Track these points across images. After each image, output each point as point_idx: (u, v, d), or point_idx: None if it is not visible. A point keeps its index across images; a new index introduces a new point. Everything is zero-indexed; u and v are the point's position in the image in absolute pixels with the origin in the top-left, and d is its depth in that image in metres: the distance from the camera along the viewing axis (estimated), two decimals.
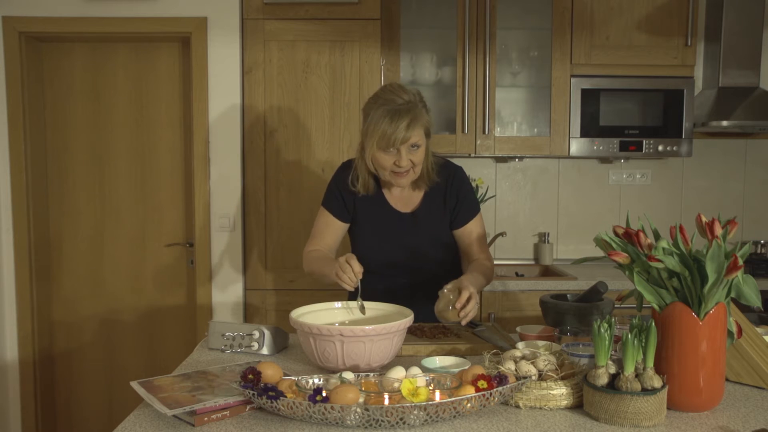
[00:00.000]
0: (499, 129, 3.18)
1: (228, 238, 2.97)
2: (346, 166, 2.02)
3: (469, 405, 1.25)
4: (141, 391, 1.34)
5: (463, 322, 1.70)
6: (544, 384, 1.32)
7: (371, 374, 1.39)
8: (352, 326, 1.47)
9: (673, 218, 3.48)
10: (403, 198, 2.00)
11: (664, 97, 3.11)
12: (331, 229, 2.01)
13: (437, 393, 1.25)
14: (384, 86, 1.89)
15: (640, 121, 3.12)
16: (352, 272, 1.69)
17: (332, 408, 1.20)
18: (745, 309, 2.32)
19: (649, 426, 1.24)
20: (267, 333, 1.72)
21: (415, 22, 3.14)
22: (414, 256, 1.98)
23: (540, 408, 1.32)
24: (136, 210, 3.17)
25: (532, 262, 3.46)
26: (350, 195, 1.99)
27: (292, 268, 2.94)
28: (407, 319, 1.56)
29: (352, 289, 1.72)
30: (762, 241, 3.40)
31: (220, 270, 2.98)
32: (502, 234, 3.31)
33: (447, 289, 1.70)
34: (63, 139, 3.14)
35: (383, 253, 1.98)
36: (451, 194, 1.98)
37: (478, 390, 1.25)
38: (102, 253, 3.18)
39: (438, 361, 1.49)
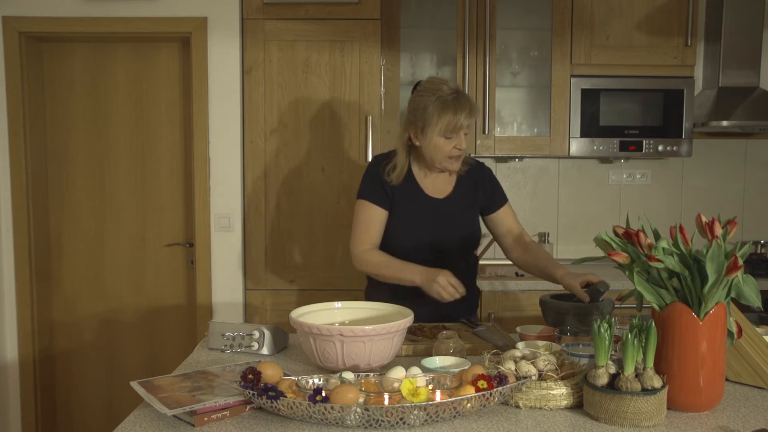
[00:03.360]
0: (499, 129, 3.18)
1: (228, 238, 2.97)
2: (379, 160, 2.12)
3: (469, 405, 1.25)
4: (141, 391, 1.34)
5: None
6: (544, 384, 1.32)
7: (371, 374, 1.39)
8: (352, 326, 1.47)
9: (673, 218, 3.47)
10: (436, 185, 2.10)
11: (664, 97, 3.11)
12: (377, 221, 2.06)
13: (437, 393, 1.25)
14: (428, 79, 2.05)
15: (640, 121, 3.12)
16: (455, 291, 1.85)
17: (332, 408, 1.20)
18: (745, 309, 2.32)
19: (649, 426, 1.24)
20: (267, 333, 1.72)
21: (415, 22, 3.14)
22: (443, 240, 2.06)
23: (540, 408, 1.32)
24: (136, 210, 3.17)
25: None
26: (387, 184, 2.06)
27: (292, 268, 2.94)
28: (407, 319, 1.56)
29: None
30: (762, 241, 3.40)
31: (220, 270, 2.98)
32: None
33: (445, 335, 1.62)
34: (63, 139, 3.14)
35: (415, 236, 2.06)
36: (484, 181, 2.15)
37: (478, 390, 1.25)
38: (102, 253, 3.18)
39: (438, 361, 1.49)
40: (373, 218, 2.05)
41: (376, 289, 2.13)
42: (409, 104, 2.04)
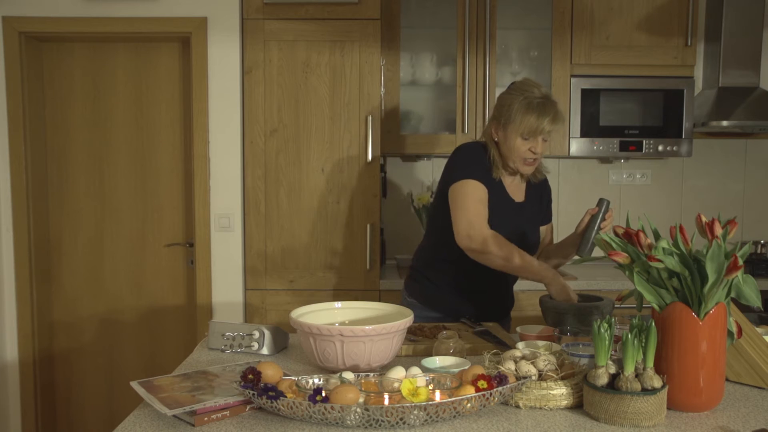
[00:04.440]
0: None
1: (228, 238, 2.97)
2: (474, 147, 2.08)
3: (469, 405, 1.25)
4: (141, 391, 1.34)
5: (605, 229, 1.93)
6: (544, 384, 1.32)
7: (371, 374, 1.39)
8: (352, 326, 1.47)
9: (673, 218, 3.48)
10: (514, 188, 2.11)
11: (664, 97, 3.11)
12: (485, 201, 2.00)
13: (437, 393, 1.24)
14: (521, 81, 2.05)
15: (640, 121, 3.12)
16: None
17: (332, 408, 1.20)
18: (745, 309, 2.32)
19: (649, 426, 1.24)
20: (267, 333, 1.72)
21: (415, 22, 3.14)
22: (519, 243, 2.05)
23: (540, 408, 1.32)
24: (136, 210, 3.17)
25: None
26: (488, 171, 2.04)
27: (292, 268, 2.94)
28: (407, 319, 1.56)
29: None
30: (762, 241, 3.40)
31: (220, 270, 2.98)
32: None
33: (445, 335, 1.63)
34: (63, 139, 3.14)
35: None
36: (545, 195, 2.21)
37: (478, 390, 1.25)
38: (102, 253, 3.18)
39: (438, 361, 1.49)
40: (484, 199, 1.99)
41: (418, 284, 2.17)
42: (498, 100, 2.06)
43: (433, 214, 2.16)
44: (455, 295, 2.11)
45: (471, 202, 1.96)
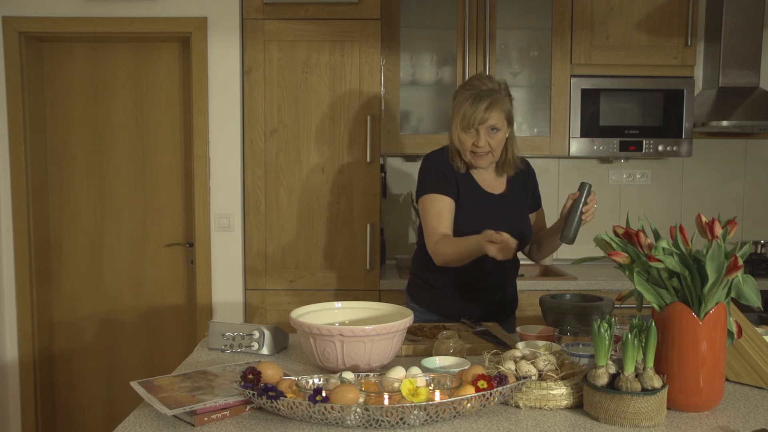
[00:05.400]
0: None
1: (228, 238, 2.97)
2: (435, 155, 2.11)
3: (469, 405, 1.25)
4: (141, 391, 1.34)
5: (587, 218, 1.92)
6: (544, 384, 1.32)
7: (371, 374, 1.39)
8: (352, 326, 1.47)
9: (673, 218, 3.48)
10: (489, 181, 2.10)
11: (664, 97, 3.11)
12: (447, 212, 2.02)
13: (437, 393, 1.24)
14: (473, 75, 2.07)
15: (640, 121, 3.12)
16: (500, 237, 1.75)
17: (332, 408, 1.20)
18: (745, 309, 2.32)
19: (649, 426, 1.24)
20: (267, 333, 1.72)
21: (415, 22, 3.14)
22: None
23: (540, 408, 1.32)
24: (136, 210, 3.17)
25: (532, 262, 3.45)
26: (452, 173, 2.05)
27: (292, 268, 2.94)
28: (407, 319, 1.56)
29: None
30: (762, 241, 3.40)
31: (220, 270, 2.98)
32: None
33: (445, 335, 1.63)
34: (63, 139, 3.14)
35: (475, 231, 2.00)
36: (530, 180, 2.19)
37: (478, 390, 1.25)
38: (102, 253, 3.18)
39: (438, 361, 1.49)
40: (442, 209, 2.01)
41: (421, 288, 2.17)
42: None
43: (419, 222, 2.17)
44: (456, 297, 2.10)
45: (426, 220, 2.02)
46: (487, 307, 2.11)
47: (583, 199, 1.92)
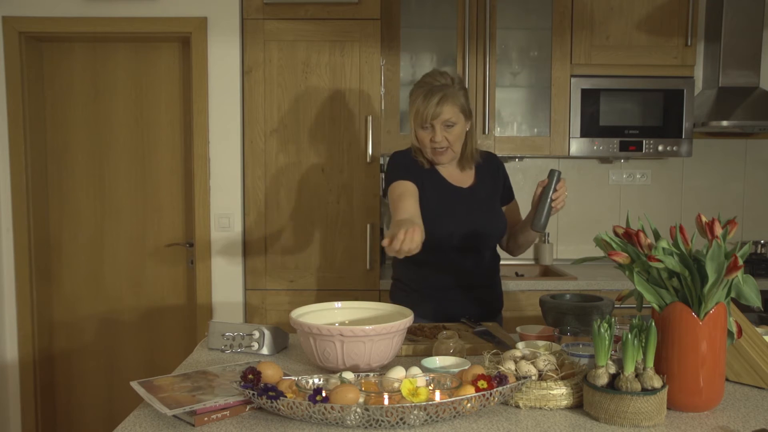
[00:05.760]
0: (499, 129, 3.18)
1: (228, 238, 2.97)
2: (403, 151, 2.12)
3: (469, 405, 1.25)
4: (141, 391, 1.34)
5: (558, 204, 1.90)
6: (544, 384, 1.32)
7: (371, 374, 1.39)
8: (352, 326, 1.47)
9: (673, 218, 3.48)
10: (455, 175, 2.09)
11: (664, 97, 3.11)
12: (408, 194, 1.94)
13: (437, 393, 1.24)
14: (426, 73, 2.03)
15: (640, 121, 3.12)
16: (405, 243, 1.61)
17: (332, 408, 1.20)
18: (745, 309, 2.32)
19: (649, 426, 1.24)
20: (267, 333, 1.72)
21: (415, 22, 3.14)
22: (473, 229, 2.03)
23: (540, 408, 1.32)
24: (136, 210, 3.17)
25: (532, 262, 3.46)
26: (416, 167, 2.04)
27: (292, 268, 2.94)
28: (407, 319, 1.56)
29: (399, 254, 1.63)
30: (762, 241, 3.40)
31: (220, 270, 2.98)
32: None
33: (445, 335, 1.62)
34: (63, 139, 3.14)
35: (444, 227, 2.00)
36: (499, 172, 2.16)
37: (478, 390, 1.25)
38: (102, 253, 3.18)
39: (438, 361, 1.49)
40: (403, 192, 1.94)
41: (399, 291, 2.14)
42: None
43: None
44: (436, 299, 2.05)
45: (393, 205, 1.95)
46: (470, 308, 2.06)
47: (552, 187, 1.90)
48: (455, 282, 2.06)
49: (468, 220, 2.03)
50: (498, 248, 2.17)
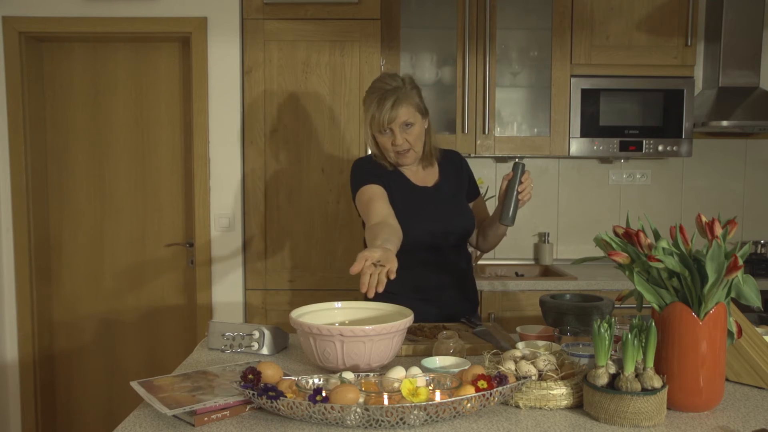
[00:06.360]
0: (499, 129, 3.18)
1: (228, 238, 2.97)
2: (364, 157, 2.11)
3: (469, 405, 1.25)
4: (141, 391, 1.34)
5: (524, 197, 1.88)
6: (544, 384, 1.32)
7: (371, 374, 1.39)
8: (352, 326, 1.47)
9: (673, 218, 3.48)
10: (419, 175, 2.08)
11: (664, 97, 3.11)
12: (377, 197, 1.93)
13: (437, 393, 1.24)
14: (377, 77, 2.04)
15: (640, 121, 3.12)
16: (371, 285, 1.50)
17: (332, 408, 1.20)
18: (745, 309, 2.32)
19: (649, 426, 1.24)
20: (267, 333, 1.72)
21: (415, 22, 3.14)
22: (441, 228, 2.01)
23: (540, 408, 1.32)
24: (136, 210, 3.17)
25: (532, 262, 3.46)
26: (380, 170, 2.04)
27: (291, 268, 2.94)
28: (407, 319, 1.56)
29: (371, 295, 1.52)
30: (762, 241, 3.40)
31: (220, 270, 2.98)
32: None
33: (445, 335, 1.62)
34: (63, 139, 3.14)
35: (412, 227, 1.97)
36: (463, 169, 2.15)
37: (478, 390, 1.25)
38: (102, 253, 3.18)
39: (438, 361, 1.49)
40: (372, 196, 1.93)
41: (377, 293, 2.10)
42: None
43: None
44: (414, 299, 1.99)
45: (362, 213, 1.94)
46: (448, 308, 2.04)
47: (517, 179, 1.88)
48: (427, 281, 2.04)
49: (435, 218, 2.02)
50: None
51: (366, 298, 1.59)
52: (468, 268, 2.16)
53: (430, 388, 1.29)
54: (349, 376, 1.35)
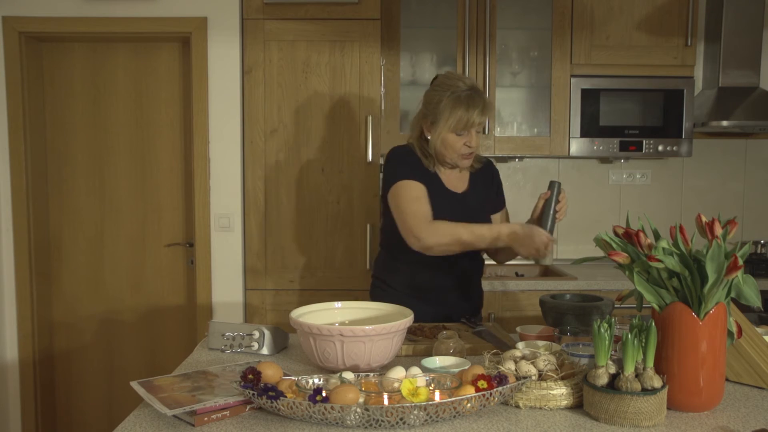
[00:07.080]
0: (499, 129, 3.18)
1: (228, 238, 2.97)
2: (404, 148, 2.07)
3: (469, 405, 1.25)
4: (141, 391, 1.34)
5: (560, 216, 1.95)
6: (544, 384, 1.32)
7: (371, 374, 1.39)
8: (352, 326, 1.47)
9: (673, 218, 3.48)
10: (453, 179, 2.08)
11: (664, 97, 3.11)
12: (424, 198, 1.95)
13: (437, 393, 1.24)
14: (446, 74, 2.02)
15: (640, 121, 3.12)
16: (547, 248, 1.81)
17: (332, 408, 1.20)
18: (745, 309, 2.32)
19: (649, 426, 1.24)
20: (267, 333, 1.72)
21: (415, 22, 3.14)
22: None
23: (540, 408, 1.32)
24: (136, 210, 3.17)
25: (532, 262, 3.46)
26: (422, 167, 2.03)
27: (291, 268, 2.94)
28: (407, 319, 1.56)
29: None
30: (762, 241, 3.40)
31: (220, 270, 2.98)
32: None
33: (445, 335, 1.62)
34: (63, 139, 3.14)
35: None
36: (494, 181, 2.17)
37: (478, 390, 1.25)
38: (102, 253, 3.18)
39: (438, 361, 1.49)
40: (420, 196, 1.94)
41: (381, 290, 2.12)
42: (424, 97, 2.03)
43: (383, 221, 2.13)
44: (417, 298, 2.03)
45: (406, 202, 1.94)
46: (451, 307, 2.05)
47: (554, 198, 1.91)
48: (435, 285, 2.05)
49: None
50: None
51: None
52: (478, 270, 2.17)
53: (430, 388, 1.29)
54: (349, 376, 1.35)
